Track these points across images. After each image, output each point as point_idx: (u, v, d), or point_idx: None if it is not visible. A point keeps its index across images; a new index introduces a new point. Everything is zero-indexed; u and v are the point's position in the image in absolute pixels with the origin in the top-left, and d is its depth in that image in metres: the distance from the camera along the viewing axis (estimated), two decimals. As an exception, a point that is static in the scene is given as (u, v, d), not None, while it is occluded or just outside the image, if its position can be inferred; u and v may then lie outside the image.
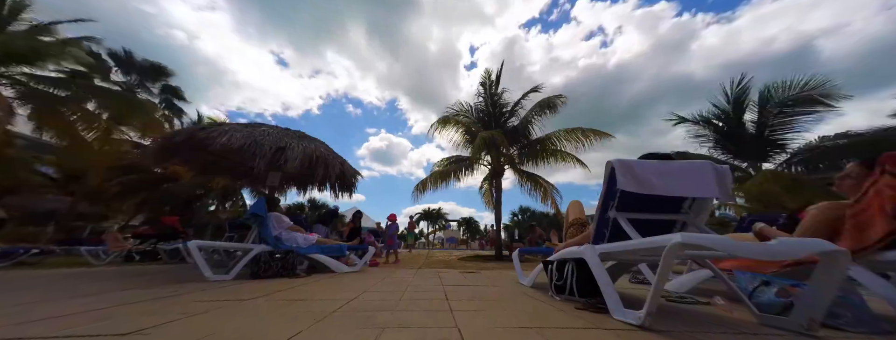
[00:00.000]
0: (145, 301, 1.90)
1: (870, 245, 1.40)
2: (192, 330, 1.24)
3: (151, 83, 14.35)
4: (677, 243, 1.17)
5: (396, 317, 1.51)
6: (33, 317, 1.46)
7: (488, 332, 1.26)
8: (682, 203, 1.93)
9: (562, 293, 2.09)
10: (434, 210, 48.47)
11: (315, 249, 3.89)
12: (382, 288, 2.55)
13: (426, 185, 10.21)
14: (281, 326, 1.31)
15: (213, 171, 6.24)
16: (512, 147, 9.80)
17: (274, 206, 4.38)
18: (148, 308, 1.70)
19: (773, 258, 1.47)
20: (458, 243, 28.47)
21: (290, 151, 4.31)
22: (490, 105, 10.29)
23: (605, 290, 1.62)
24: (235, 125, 4.57)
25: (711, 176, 1.72)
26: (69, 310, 1.60)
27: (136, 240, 7.17)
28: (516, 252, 3.78)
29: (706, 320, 1.57)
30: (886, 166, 1.43)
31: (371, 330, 1.26)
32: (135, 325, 1.30)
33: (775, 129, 8.66)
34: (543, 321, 1.47)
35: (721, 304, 1.91)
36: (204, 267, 3.02)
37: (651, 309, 1.29)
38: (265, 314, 1.56)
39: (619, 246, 1.65)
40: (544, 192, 9.69)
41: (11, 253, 5.84)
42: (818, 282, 1.25)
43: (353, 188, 6.08)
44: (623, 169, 1.72)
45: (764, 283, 1.65)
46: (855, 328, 1.36)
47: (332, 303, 1.85)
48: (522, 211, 43.13)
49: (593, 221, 2.01)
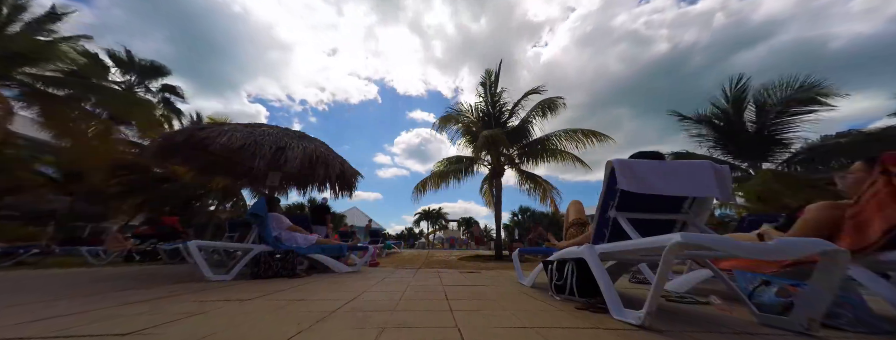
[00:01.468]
0: (145, 300, 1.90)
1: (869, 245, 1.40)
2: (192, 330, 1.24)
3: (151, 82, 14.35)
4: (677, 242, 1.17)
5: (396, 317, 1.51)
6: (33, 317, 1.46)
7: (488, 332, 1.26)
8: (682, 203, 1.93)
9: (562, 292, 2.09)
10: (434, 210, 48.47)
11: (315, 249, 3.89)
12: (382, 288, 2.55)
13: (426, 185, 10.23)
14: (281, 326, 1.31)
15: (213, 171, 6.24)
16: (512, 147, 9.80)
17: (274, 206, 4.38)
18: (148, 308, 1.69)
19: (772, 258, 1.47)
20: (458, 242, 28.42)
21: (290, 151, 4.31)
22: (490, 105, 10.31)
23: (605, 290, 1.62)
24: (235, 125, 4.57)
25: (711, 176, 1.72)
26: (69, 310, 1.60)
27: (136, 240, 7.17)
28: (516, 252, 3.78)
29: (706, 320, 1.57)
30: (886, 165, 1.43)
31: (371, 330, 1.26)
32: (135, 325, 1.30)
33: (774, 128, 8.67)
34: (543, 321, 1.47)
35: (718, 303, 1.92)
36: (204, 267, 3.02)
37: (651, 309, 1.29)
38: (265, 314, 1.56)
39: (619, 246, 1.65)
40: (544, 192, 9.70)
41: (11, 253, 5.85)
42: (818, 282, 1.25)
43: (353, 188, 6.08)
44: (623, 169, 1.72)
45: (764, 283, 1.66)
46: (855, 328, 1.36)
47: (331, 303, 1.85)
48: (522, 211, 43.16)
49: (593, 221, 2.01)
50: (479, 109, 10.63)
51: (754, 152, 9.10)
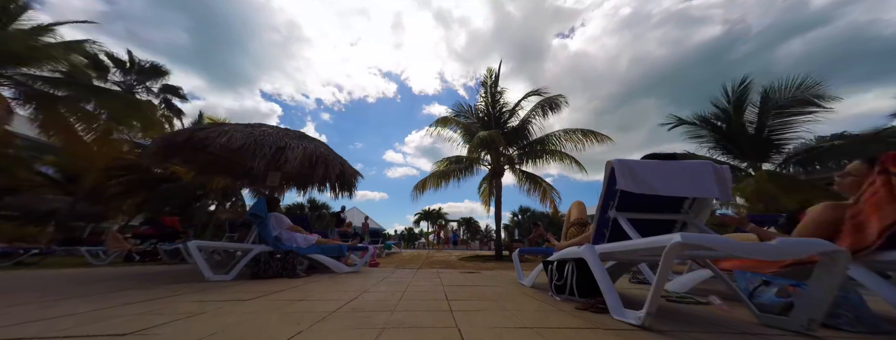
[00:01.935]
0: (145, 301, 1.90)
1: (868, 245, 1.40)
2: (192, 330, 1.24)
3: (151, 83, 14.36)
4: (677, 243, 1.17)
5: (396, 317, 1.51)
6: (33, 317, 1.46)
7: (488, 332, 1.26)
8: (682, 203, 1.93)
9: (562, 293, 2.09)
10: (434, 210, 48.47)
11: (315, 249, 3.89)
12: (382, 288, 2.55)
13: (426, 185, 10.22)
14: (281, 326, 1.31)
15: (212, 171, 6.23)
16: (512, 147, 9.80)
17: (274, 206, 4.38)
18: (148, 308, 1.69)
19: (773, 258, 1.47)
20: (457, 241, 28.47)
21: (289, 151, 4.31)
22: (490, 105, 10.30)
23: (605, 290, 1.62)
24: (235, 125, 4.57)
25: (711, 176, 1.72)
26: (69, 310, 1.60)
27: (136, 240, 7.17)
28: (516, 252, 3.78)
29: (706, 320, 1.57)
30: (885, 165, 1.43)
31: (371, 331, 1.26)
32: (135, 325, 1.30)
33: (774, 129, 8.68)
34: (544, 321, 1.47)
35: (718, 303, 1.92)
36: (204, 267, 3.02)
37: (651, 309, 1.29)
38: (265, 314, 1.56)
39: (619, 246, 1.65)
40: (543, 192, 9.70)
41: (11, 253, 5.85)
42: (818, 282, 1.25)
43: (354, 188, 6.08)
44: (622, 169, 1.72)
45: (764, 283, 1.65)
46: (855, 328, 1.36)
47: (331, 303, 1.85)
48: (522, 211, 43.21)
49: (593, 221, 2.01)
50: (479, 110, 10.63)
51: (755, 153, 9.11)
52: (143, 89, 14.07)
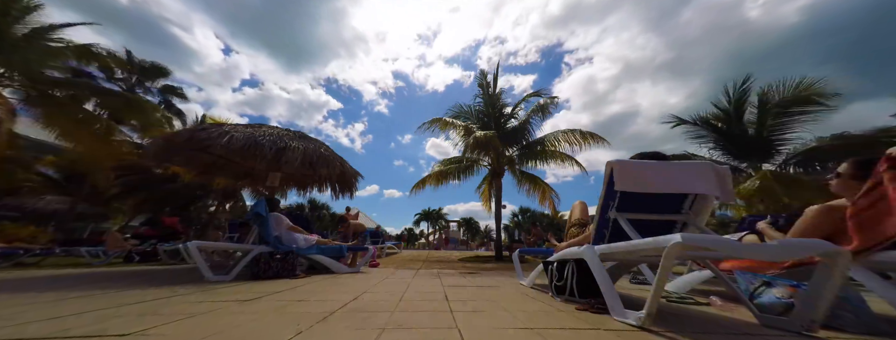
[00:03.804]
0: (145, 301, 1.90)
1: (883, 241, 1.34)
2: (192, 331, 1.24)
3: (151, 83, 14.36)
4: (677, 243, 1.17)
5: (396, 318, 1.51)
6: (33, 317, 1.46)
7: (488, 333, 1.26)
8: (682, 204, 1.93)
9: (562, 293, 2.09)
10: (434, 211, 48.48)
11: (315, 250, 3.89)
12: (382, 289, 2.55)
13: (425, 184, 10.23)
14: (281, 327, 1.31)
15: (213, 171, 6.24)
16: (511, 148, 9.80)
17: (274, 207, 4.38)
18: (148, 308, 1.69)
19: (773, 259, 1.47)
20: (457, 243, 28.48)
21: (290, 151, 4.31)
22: (489, 106, 10.30)
23: (606, 291, 1.62)
24: (236, 126, 4.58)
25: (712, 176, 1.72)
26: (69, 310, 1.60)
27: (135, 241, 7.17)
28: (516, 253, 3.78)
29: (707, 320, 1.57)
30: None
31: (371, 331, 1.26)
32: (135, 325, 1.30)
33: (774, 129, 8.69)
34: (544, 321, 1.47)
35: (718, 304, 1.92)
36: (204, 268, 3.02)
37: (651, 310, 1.29)
38: (265, 314, 1.56)
39: (620, 247, 1.65)
40: (543, 192, 9.70)
41: (11, 254, 5.84)
42: (818, 283, 1.25)
43: (354, 189, 6.09)
44: (622, 169, 1.72)
45: (764, 284, 1.65)
46: (855, 328, 1.36)
47: (331, 304, 1.85)
48: (522, 211, 43.21)
49: (593, 221, 2.01)
50: (478, 110, 10.62)
51: (755, 153, 9.12)
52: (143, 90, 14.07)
